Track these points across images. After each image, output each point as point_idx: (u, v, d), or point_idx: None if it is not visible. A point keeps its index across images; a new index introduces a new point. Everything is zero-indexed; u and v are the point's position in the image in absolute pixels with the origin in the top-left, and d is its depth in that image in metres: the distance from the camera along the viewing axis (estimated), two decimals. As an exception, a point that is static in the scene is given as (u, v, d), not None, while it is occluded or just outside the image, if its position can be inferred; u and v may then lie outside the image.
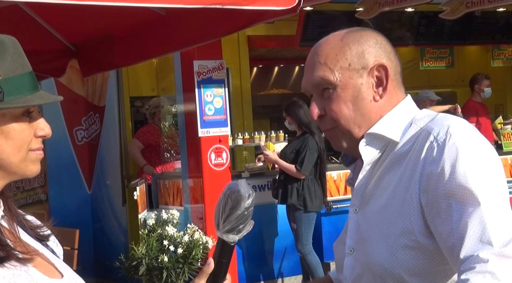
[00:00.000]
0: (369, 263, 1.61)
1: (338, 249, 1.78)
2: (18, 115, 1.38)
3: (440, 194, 1.50)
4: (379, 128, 1.65)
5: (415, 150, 1.58)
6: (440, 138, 1.54)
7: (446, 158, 1.51)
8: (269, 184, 7.08)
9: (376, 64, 1.65)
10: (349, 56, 1.65)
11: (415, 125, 1.63)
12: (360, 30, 1.71)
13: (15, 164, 1.39)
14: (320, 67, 1.66)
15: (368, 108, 1.65)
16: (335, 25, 9.94)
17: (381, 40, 1.69)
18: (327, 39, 1.70)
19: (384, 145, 1.65)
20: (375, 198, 1.64)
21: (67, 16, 4.53)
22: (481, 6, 9.05)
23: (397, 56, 1.71)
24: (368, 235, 1.63)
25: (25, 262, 1.34)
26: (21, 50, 1.40)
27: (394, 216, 1.57)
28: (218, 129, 6.23)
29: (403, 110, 1.68)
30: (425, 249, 1.54)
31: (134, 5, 3.59)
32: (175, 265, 5.86)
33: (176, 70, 6.50)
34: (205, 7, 3.67)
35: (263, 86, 11.52)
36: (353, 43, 1.66)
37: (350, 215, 1.71)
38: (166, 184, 7.25)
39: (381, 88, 1.66)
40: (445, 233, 1.49)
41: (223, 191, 1.57)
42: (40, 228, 1.50)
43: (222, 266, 1.56)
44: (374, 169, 1.66)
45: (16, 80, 1.37)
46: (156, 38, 4.84)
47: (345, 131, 1.67)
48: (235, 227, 1.54)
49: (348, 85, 1.64)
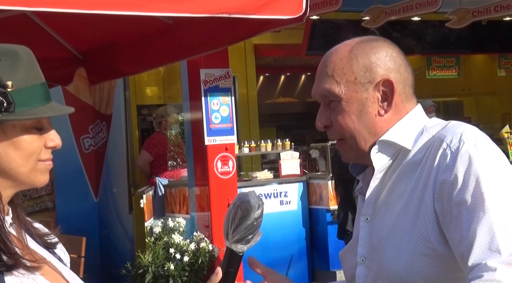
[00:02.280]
0: (383, 272, 1.61)
1: (347, 259, 1.77)
2: (29, 126, 1.39)
3: (453, 201, 1.51)
4: (391, 136, 1.65)
5: (428, 157, 1.58)
6: (453, 145, 1.55)
7: (459, 166, 1.52)
8: (275, 192, 7.08)
9: (382, 79, 1.64)
10: (355, 70, 1.65)
11: (427, 133, 1.64)
12: (372, 41, 1.70)
13: (24, 174, 1.40)
14: (327, 79, 1.67)
15: (373, 122, 1.66)
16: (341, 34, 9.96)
17: (392, 52, 1.68)
18: (338, 48, 1.70)
19: (396, 152, 1.65)
20: (388, 206, 1.64)
21: (75, 24, 4.55)
22: (487, 15, 9.06)
23: (409, 68, 1.70)
24: (381, 244, 1.63)
25: (33, 270, 1.35)
26: (34, 61, 1.42)
27: (410, 224, 1.58)
28: (224, 138, 6.24)
29: (414, 119, 1.68)
30: (441, 256, 1.54)
31: (141, 14, 3.60)
32: (181, 273, 5.86)
33: (182, 78, 6.52)
34: (212, 16, 3.69)
35: (269, 94, 11.54)
36: (361, 55, 1.66)
37: (361, 224, 1.70)
38: (172, 192, 7.26)
39: (386, 103, 1.66)
40: (456, 241, 1.50)
41: (233, 201, 1.58)
42: (47, 236, 1.51)
43: (230, 275, 1.57)
44: (386, 178, 1.66)
45: (28, 91, 1.38)
46: (163, 46, 4.86)
47: (352, 143, 1.68)
48: (244, 237, 1.55)
49: (353, 99, 1.65)
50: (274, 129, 11.26)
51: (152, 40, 4.89)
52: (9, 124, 1.37)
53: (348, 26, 9.55)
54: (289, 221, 7.19)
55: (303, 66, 11.37)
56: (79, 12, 3.41)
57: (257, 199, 1.56)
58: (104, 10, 3.45)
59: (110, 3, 3.45)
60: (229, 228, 1.55)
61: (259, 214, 1.55)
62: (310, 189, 7.35)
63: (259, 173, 7.45)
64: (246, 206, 1.54)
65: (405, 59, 1.70)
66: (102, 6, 3.43)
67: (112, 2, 3.47)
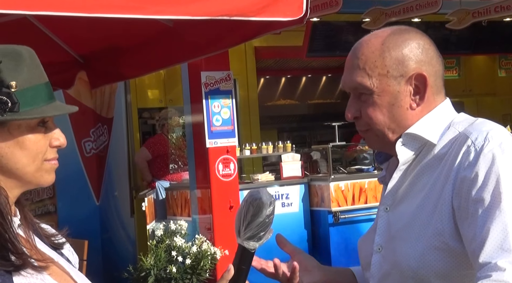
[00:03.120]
0: (397, 262, 1.62)
1: (364, 247, 1.78)
2: (33, 125, 1.40)
3: (471, 198, 1.51)
4: (417, 129, 1.65)
5: (452, 153, 1.59)
6: (478, 143, 1.55)
7: (481, 164, 1.52)
8: (276, 194, 7.08)
9: (415, 73, 1.63)
10: (388, 63, 1.64)
11: (453, 128, 1.64)
12: (404, 32, 1.68)
13: (30, 174, 1.41)
14: (358, 71, 1.65)
15: (404, 115, 1.65)
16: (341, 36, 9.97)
17: (424, 44, 1.66)
18: (369, 40, 1.68)
19: (421, 145, 1.65)
20: (408, 198, 1.65)
21: (76, 28, 4.56)
22: (487, 16, 9.05)
23: (440, 59, 1.69)
24: (398, 234, 1.64)
25: (40, 270, 1.36)
26: (37, 61, 1.43)
27: (427, 218, 1.58)
28: (225, 140, 6.24)
29: (442, 113, 1.68)
30: (454, 251, 1.55)
31: (142, 17, 3.61)
32: (184, 276, 5.86)
33: (183, 81, 6.52)
34: (213, 18, 3.70)
35: (270, 96, 11.54)
36: (394, 48, 1.64)
37: (380, 213, 1.71)
38: (174, 194, 7.26)
39: (418, 96, 1.65)
40: (469, 237, 1.50)
41: (244, 198, 1.59)
42: (55, 236, 1.52)
43: (242, 272, 1.57)
44: (409, 170, 1.66)
45: (32, 91, 1.39)
46: (163, 49, 4.87)
47: (379, 134, 1.67)
48: (255, 234, 1.55)
49: (384, 92, 1.64)
50: (275, 132, 11.26)
51: (152, 43, 4.90)
52: (14, 124, 1.38)
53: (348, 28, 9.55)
54: (291, 223, 7.18)
55: (304, 68, 11.37)
56: (80, 15, 3.41)
57: (269, 196, 1.56)
58: (104, 14, 3.45)
59: (110, 7, 3.46)
60: (241, 225, 1.56)
61: (271, 211, 1.55)
62: (312, 190, 7.35)
63: (260, 175, 7.45)
64: (258, 203, 1.55)
65: (437, 50, 1.69)
66: (102, 9, 3.43)
67: (112, 5, 3.47)
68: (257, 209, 1.54)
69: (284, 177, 7.36)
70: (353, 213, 7.14)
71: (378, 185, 7.34)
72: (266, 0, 3.69)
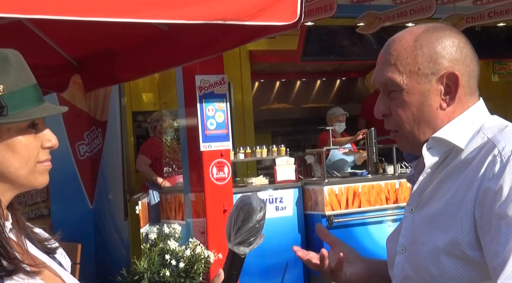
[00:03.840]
0: (418, 266, 1.60)
1: (390, 245, 1.75)
2: (23, 128, 1.40)
3: (494, 212, 1.47)
4: (445, 133, 1.60)
5: (478, 160, 1.54)
6: (505, 154, 1.50)
7: (506, 176, 1.47)
8: (270, 198, 7.08)
9: (447, 72, 1.60)
10: (420, 60, 1.60)
11: (482, 134, 1.59)
12: (438, 29, 1.64)
13: (23, 177, 1.41)
14: (389, 67, 1.63)
15: (434, 115, 1.61)
16: (336, 40, 9.98)
17: (459, 42, 1.63)
18: (402, 36, 1.64)
19: (448, 150, 1.61)
20: (432, 202, 1.61)
21: (70, 31, 4.56)
22: (481, 21, 9.09)
23: (475, 59, 1.66)
24: (419, 238, 1.61)
25: (33, 275, 1.35)
26: (24, 63, 1.42)
27: (447, 224, 1.55)
28: (219, 144, 6.24)
29: (473, 116, 1.63)
30: (471, 260, 1.51)
31: (136, 21, 3.61)
32: (177, 280, 5.86)
33: (178, 85, 6.53)
34: (207, 22, 3.70)
35: (264, 100, 11.54)
36: (427, 45, 1.61)
37: (406, 214, 1.68)
38: (168, 198, 7.26)
39: (448, 96, 1.61)
40: (491, 253, 1.47)
41: (235, 203, 1.59)
42: (48, 241, 1.51)
43: (232, 277, 1.58)
44: (435, 173, 1.62)
45: (20, 94, 1.38)
46: (158, 53, 4.87)
47: (409, 135, 1.64)
48: (246, 239, 1.56)
49: (414, 90, 1.60)
50: (269, 135, 11.26)
51: (147, 47, 4.91)
52: (3, 128, 1.38)
53: (343, 32, 9.56)
54: (285, 226, 7.18)
55: (299, 72, 11.38)
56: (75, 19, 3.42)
57: (259, 201, 1.57)
58: (99, 17, 3.46)
59: (105, 10, 3.46)
60: (231, 230, 1.56)
61: (261, 216, 1.56)
62: (306, 194, 7.35)
63: (254, 178, 7.45)
64: (248, 208, 1.55)
65: (472, 49, 1.66)
66: (97, 13, 3.44)
67: (107, 9, 3.47)
68: (247, 214, 1.55)
69: (278, 181, 7.36)
70: (347, 217, 7.14)
71: (371, 189, 7.35)
72: (261, 5, 3.70)
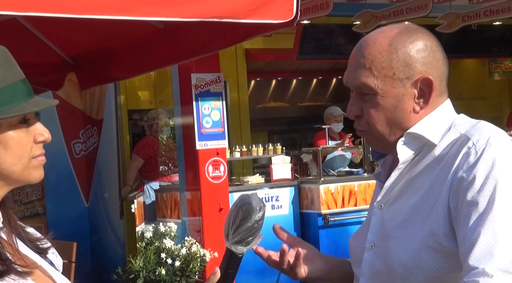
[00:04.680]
0: (389, 261, 1.61)
1: (355, 243, 1.77)
2: (15, 123, 1.38)
3: (466, 200, 1.50)
4: (419, 129, 1.63)
5: (452, 154, 1.57)
6: (479, 146, 1.53)
7: (480, 167, 1.51)
8: (266, 196, 7.07)
9: (421, 77, 1.61)
10: (395, 65, 1.61)
11: (455, 129, 1.62)
12: (411, 32, 1.65)
13: (17, 173, 1.40)
14: (364, 71, 1.63)
15: (407, 118, 1.63)
16: (332, 38, 9.98)
17: (432, 45, 1.65)
18: (376, 39, 1.64)
19: (421, 145, 1.64)
20: (404, 197, 1.63)
21: (65, 29, 4.55)
22: (477, 20, 9.10)
23: (445, 60, 1.67)
24: (392, 233, 1.63)
25: (24, 275, 1.34)
26: (11, 59, 1.40)
27: (423, 218, 1.57)
28: (215, 142, 6.23)
29: (443, 114, 1.66)
30: (447, 252, 1.54)
31: (132, 18, 3.60)
32: (173, 278, 5.85)
33: (174, 83, 6.51)
34: (203, 20, 3.69)
35: (260, 99, 11.55)
36: (401, 49, 1.61)
37: (374, 210, 1.69)
38: (163, 196, 7.25)
39: (422, 100, 1.63)
40: (460, 238, 1.50)
41: (234, 202, 1.59)
42: (39, 241, 1.50)
43: (229, 276, 1.57)
44: (407, 169, 1.65)
45: (9, 89, 1.36)
46: (154, 51, 4.86)
47: (379, 136, 1.66)
48: (244, 238, 1.55)
49: (389, 94, 1.62)
50: (265, 134, 11.27)
51: (143, 45, 4.89)
52: None
53: (339, 31, 9.56)
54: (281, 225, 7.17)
55: (295, 70, 11.38)
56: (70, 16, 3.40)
57: (259, 201, 1.57)
58: (94, 15, 3.44)
59: (100, 8, 3.45)
60: (230, 229, 1.56)
61: (260, 216, 1.56)
62: (302, 193, 7.35)
63: (250, 177, 7.44)
64: (247, 208, 1.55)
65: (443, 51, 1.68)
66: (92, 10, 3.42)
67: (102, 6, 3.46)
68: (246, 213, 1.54)
69: (274, 179, 7.36)
70: (342, 216, 7.15)
71: (367, 187, 7.36)
72: (257, 3, 3.69)
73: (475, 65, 12.76)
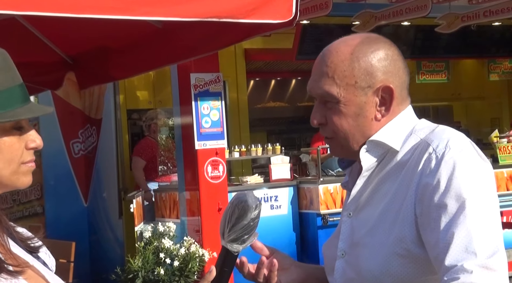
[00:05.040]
0: (360, 268, 1.63)
1: (328, 252, 1.79)
2: (8, 128, 1.38)
3: (433, 205, 1.53)
4: (380, 136, 1.66)
5: (414, 160, 1.60)
6: (439, 151, 1.57)
7: (442, 171, 1.54)
8: (265, 196, 7.07)
9: (382, 85, 1.64)
10: (356, 73, 1.64)
11: (415, 135, 1.65)
12: (373, 41, 1.68)
13: (6, 177, 1.39)
14: (326, 80, 1.66)
15: (369, 126, 1.66)
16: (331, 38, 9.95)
17: (393, 54, 1.68)
18: (338, 48, 1.68)
19: (384, 152, 1.67)
20: (371, 204, 1.66)
21: (64, 28, 4.54)
22: (476, 20, 9.10)
23: (406, 69, 1.70)
24: (361, 241, 1.65)
25: (16, 275, 1.34)
26: (10, 63, 1.40)
27: (390, 225, 1.59)
28: (214, 142, 6.23)
29: (404, 120, 1.69)
30: (416, 258, 1.56)
31: (131, 18, 3.60)
32: (172, 278, 5.84)
33: (173, 83, 6.51)
34: (202, 20, 3.69)
35: (260, 99, 11.55)
36: (363, 58, 1.65)
37: (343, 219, 1.73)
38: (162, 196, 7.24)
39: (384, 108, 1.66)
40: (432, 242, 1.52)
41: (230, 200, 1.59)
42: (31, 240, 1.49)
43: (224, 274, 1.58)
44: (372, 176, 1.68)
45: (6, 94, 1.36)
46: (153, 51, 4.85)
47: (343, 143, 1.69)
48: (240, 237, 1.56)
49: (351, 102, 1.65)
50: (264, 134, 11.27)
51: (142, 45, 4.89)
52: None
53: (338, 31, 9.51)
54: (280, 225, 7.18)
55: (294, 70, 11.38)
56: (69, 16, 3.40)
57: (255, 199, 1.57)
58: (93, 14, 3.44)
59: (99, 7, 3.45)
60: (225, 227, 1.56)
61: (256, 214, 1.56)
62: (301, 193, 7.35)
63: (249, 177, 7.44)
64: (243, 206, 1.55)
65: (403, 60, 1.71)
66: (91, 10, 3.42)
67: (101, 6, 3.46)
68: (242, 211, 1.54)
69: (273, 179, 7.36)
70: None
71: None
72: (256, 2, 3.69)
73: (474, 66, 12.76)
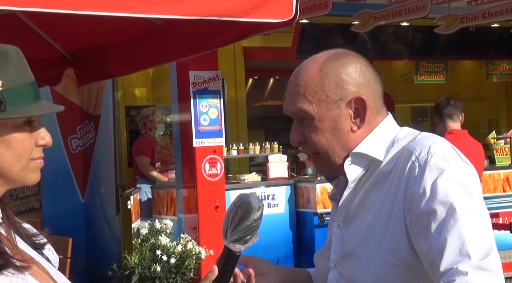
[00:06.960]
0: (354, 279, 1.65)
1: (319, 263, 1.81)
2: (19, 124, 1.40)
3: (422, 212, 1.55)
4: (363, 148, 1.68)
5: (398, 169, 1.62)
6: (422, 158, 1.59)
7: (427, 178, 1.56)
8: (262, 195, 7.08)
9: (354, 97, 1.67)
10: (327, 88, 1.67)
11: (397, 144, 1.67)
12: (340, 56, 1.71)
13: (15, 172, 1.41)
14: (299, 98, 1.69)
15: (346, 138, 1.68)
16: (330, 38, 9.98)
17: (361, 67, 1.70)
18: (307, 66, 1.71)
19: (368, 163, 1.69)
20: (360, 215, 1.68)
21: (64, 24, 4.55)
22: (475, 22, 9.10)
23: (377, 80, 1.72)
24: (352, 251, 1.67)
25: (22, 270, 1.36)
26: (24, 61, 1.43)
27: (381, 234, 1.61)
28: (213, 140, 6.24)
29: (385, 130, 1.71)
30: (410, 267, 1.58)
31: (131, 15, 3.60)
32: (168, 275, 5.85)
33: (171, 80, 6.52)
34: (202, 18, 3.69)
35: (258, 97, 11.54)
36: (331, 73, 1.68)
37: (334, 230, 1.74)
38: (160, 193, 7.25)
39: (358, 119, 1.69)
40: (425, 250, 1.53)
41: (233, 201, 1.61)
42: (36, 237, 1.52)
43: (226, 274, 1.59)
44: (358, 187, 1.69)
45: (18, 90, 1.39)
46: (152, 48, 4.85)
47: (326, 158, 1.71)
48: (242, 237, 1.57)
49: (325, 117, 1.67)
50: (262, 132, 11.27)
51: (141, 42, 4.89)
52: (0, 123, 1.38)
53: (337, 30, 9.56)
54: (277, 224, 7.19)
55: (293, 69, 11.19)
56: (69, 12, 3.40)
57: (258, 200, 1.59)
58: (93, 11, 3.45)
59: (99, 4, 3.45)
60: (228, 227, 1.58)
61: (259, 215, 1.58)
62: (298, 192, 7.36)
63: (247, 175, 7.45)
64: (246, 207, 1.57)
65: (374, 71, 1.73)
66: (91, 7, 3.43)
67: (101, 3, 3.46)
68: (245, 212, 1.56)
69: (271, 178, 7.37)
70: (338, 215, 7.16)
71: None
72: (256, 1, 3.69)
73: (473, 67, 12.77)
